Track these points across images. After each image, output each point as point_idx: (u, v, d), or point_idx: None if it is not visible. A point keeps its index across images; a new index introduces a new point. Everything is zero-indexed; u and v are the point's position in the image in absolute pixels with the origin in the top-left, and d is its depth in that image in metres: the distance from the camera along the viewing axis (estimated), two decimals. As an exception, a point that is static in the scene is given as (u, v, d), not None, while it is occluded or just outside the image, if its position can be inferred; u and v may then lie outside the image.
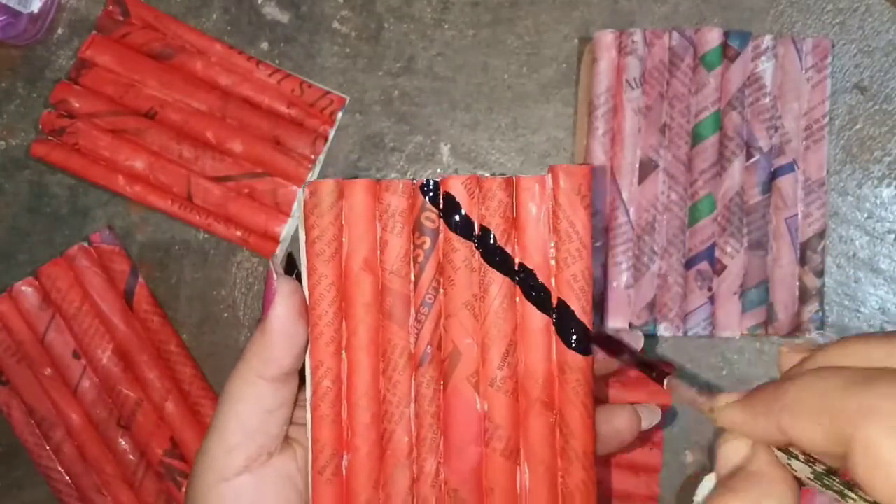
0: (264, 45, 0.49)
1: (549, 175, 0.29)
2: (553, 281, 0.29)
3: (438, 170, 0.49)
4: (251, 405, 0.29)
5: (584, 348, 0.29)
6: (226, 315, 0.49)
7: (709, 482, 0.47)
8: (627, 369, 0.47)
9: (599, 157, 0.46)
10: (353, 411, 0.29)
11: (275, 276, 0.29)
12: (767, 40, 0.46)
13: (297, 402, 0.31)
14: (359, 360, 0.29)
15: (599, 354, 0.30)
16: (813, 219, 0.46)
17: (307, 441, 0.30)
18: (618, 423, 0.31)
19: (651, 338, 0.48)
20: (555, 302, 0.29)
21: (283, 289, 0.29)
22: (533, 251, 0.29)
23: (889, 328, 0.48)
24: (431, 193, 0.29)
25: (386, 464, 0.29)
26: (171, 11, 0.49)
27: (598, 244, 0.46)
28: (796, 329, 0.46)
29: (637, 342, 0.33)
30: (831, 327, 0.48)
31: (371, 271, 0.29)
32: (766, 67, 0.46)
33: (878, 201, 0.48)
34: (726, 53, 0.46)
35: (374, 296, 0.29)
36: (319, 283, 0.29)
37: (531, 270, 0.29)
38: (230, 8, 0.49)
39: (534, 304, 0.29)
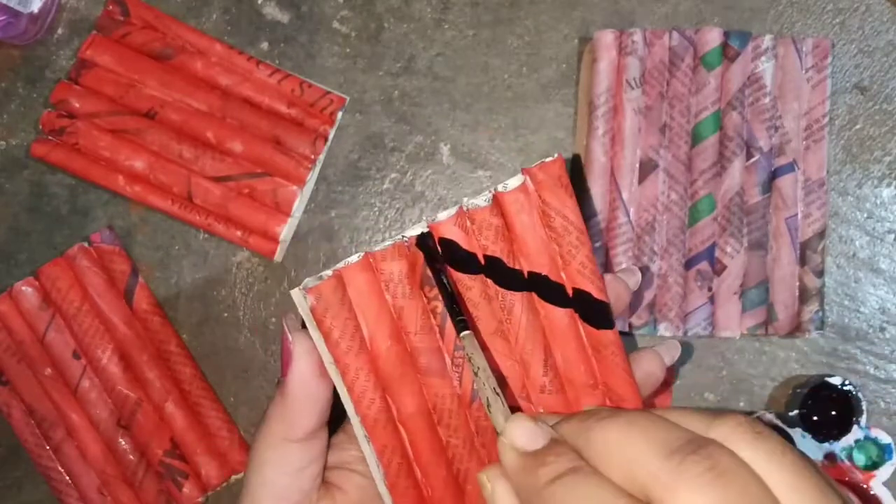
0: (264, 45, 0.49)
1: (527, 178, 0.30)
2: (563, 275, 0.30)
3: (434, 171, 0.49)
4: (279, 469, 0.29)
5: (608, 323, 0.30)
6: (226, 315, 0.49)
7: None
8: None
9: (599, 157, 0.46)
10: (426, 471, 0.30)
11: (289, 335, 0.29)
12: (767, 40, 0.46)
13: (329, 446, 0.31)
14: (415, 426, 0.30)
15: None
16: (813, 219, 0.46)
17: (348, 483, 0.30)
18: (647, 367, 0.32)
19: (651, 338, 0.48)
20: (571, 292, 0.30)
21: (299, 348, 0.29)
22: (538, 257, 0.30)
23: (889, 328, 0.48)
24: (427, 245, 0.29)
25: (471, 499, 0.30)
26: (171, 11, 0.49)
27: (597, 244, 0.46)
28: (796, 329, 0.46)
29: (635, 278, 0.34)
30: (831, 327, 0.48)
31: (398, 342, 0.29)
32: (766, 67, 0.46)
33: (878, 201, 0.48)
34: (726, 53, 0.46)
35: (408, 363, 0.30)
36: (358, 378, 0.29)
37: (543, 276, 0.30)
38: (230, 8, 0.49)
39: (553, 303, 0.30)
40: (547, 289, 0.30)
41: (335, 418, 0.31)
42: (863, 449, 0.45)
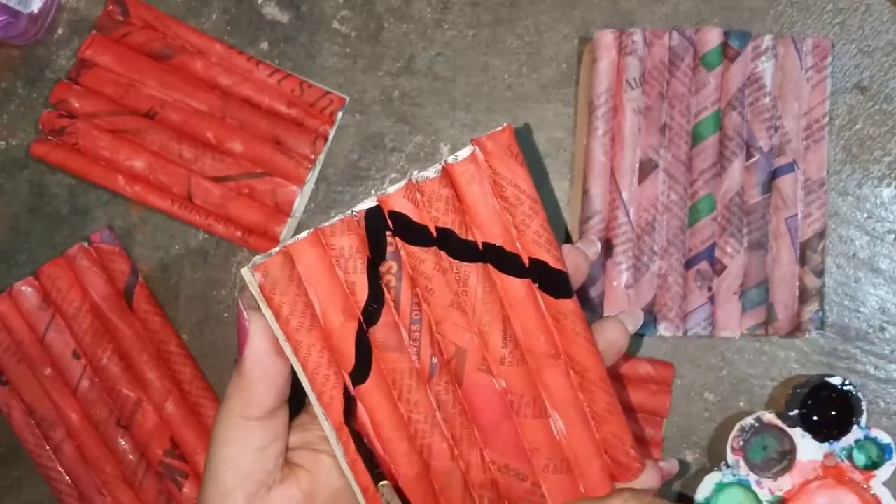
0: (264, 45, 0.49)
1: (477, 148, 0.29)
2: (518, 245, 0.30)
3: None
4: (240, 447, 0.29)
5: (567, 292, 0.30)
6: (226, 315, 0.49)
7: (710, 481, 0.47)
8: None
9: (599, 157, 0.46)
10: (387, 446, 0.30)
11: (245, 313, 0.29)
12: (767, 40, 0.46)
13: (290, 428, 0.31)
14: (373, 402, 0.29)
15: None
16: (813, 219, 0.46)
17: (350, 479, 0.30)
18: (609, 335, 0.32)
19: (651, 338, 0.48)
20: (527, 263, 0.30)
21: (254, 326, 0.29)
22: (490, 227, 0.29)
23: (889, 328, 0.48)
24: (378, 218, 0.29)
25: (436, 474, 0.30)
26: (171, 11, 0.49)
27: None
28: (796, 329, 0.46)
29: (594, 248, 0.34)
30: (831, 327, 0.48)
31: (352, 317, 0.29)
32: (766, 67, 0.46)
33: (878, 201, 0.48)
34: (726, 53, 0.46)
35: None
36: (311, 354, 0.29)
37: (498, 246, 0.29)
38: (230, 8, 0.49)
39: (509, 274, 0.30)
40: (502, 259, 0.29)
41: (299, 400, 0.31)
42: (863, 449, 0.45)
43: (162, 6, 0.49)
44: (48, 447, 0.47)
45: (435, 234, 0.29)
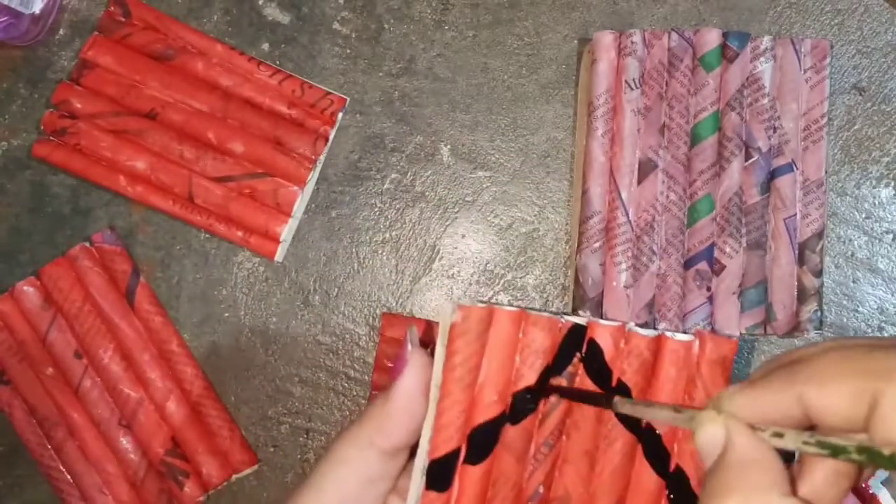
0: (265, 46, 0.49)
1: (697, 341, 0.29)
2: (675, 447, 0.29)
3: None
4: (355, 471, 0.29)
5: None
6: (227, 315, 0.49)
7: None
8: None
9: (599, 157, 0.46)
10: None
11: (409, 346, 0.29)
12: (766, 41, 0.46)
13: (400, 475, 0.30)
14: (470, 487, 0.29)
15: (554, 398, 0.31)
16: (811, 219, 0.47)
17: None
18: None
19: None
20: (672, 467, 0.29)
21: (414, 361, 0.29)
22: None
23: (887, 328, 0.48)
24: (578, 336, 0.29)
25: None
26: (172, 12, 0.49)
27: (597, 244, 0.46)
28: (795, 329, 0.46)
29: None
30: (829, 327, 0.48)
31: (502, 402, 0.29)
32: (764, 68, 0.46)
33: (877, 201, 0.48)
34: (725, 54, 0.46)
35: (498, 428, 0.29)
36: (452, 409, 0.28)
37: (658, 434, 0.29)
38: (231, 9, 0.49)
39: (652, 466, 0.29)
40: (655, 448, 0.29)
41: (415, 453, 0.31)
42: (861, 448, 0.45)
43: (163, 7, 0.49)
44: (50, 446, 0.48)
45: (615, 383, 0.29)
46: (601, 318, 0.46)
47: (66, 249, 0.48)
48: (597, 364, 0.29)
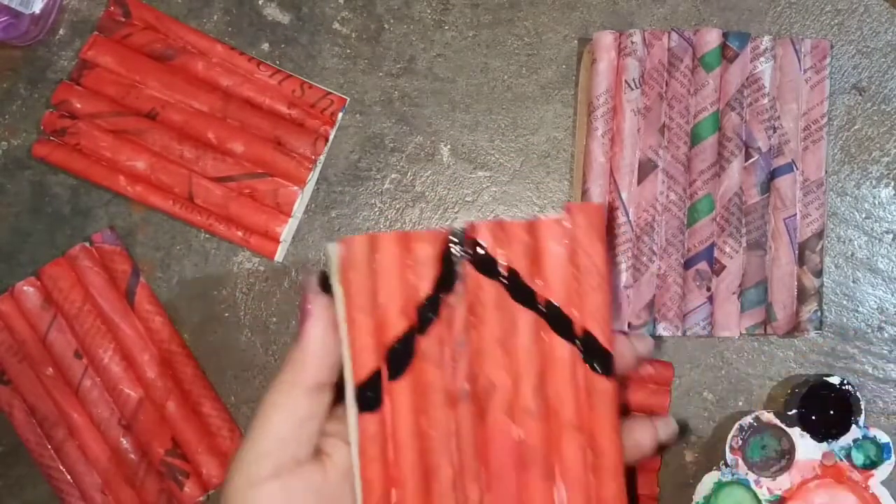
0: (265, 46, 0.49)
1: (567, 215, 0.31)
2: (576, 312, 0.31)
3: (433, 174, 0.49)
4: (285, 414, 0.30)
5: (608, 371, 0.31)
6: (227, 315, 0.49)
7: (709, 481, 0.47)
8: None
9: (599, 157, 0.46)
10: (398, 450, 0.31)
11: (310, 293, 0.31)
12: (766, 41, 0.46)
13: (330, 415, 0.32)
14: (401, 403, 0.31)
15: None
16: (811, 219, 0.47)
17: (354, 469, 0.31)
18: (637, 436, 0.33)
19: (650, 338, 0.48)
20: (579, 331, 0.31)
21: (317, 304, 0.31)
22: (556, 287, 0.31)
23: (887, 328, 0.48)
24: (459, 240, 0.31)
25: (433, 496, 0.31)
26: (172, 12, 0.49)
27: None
28: (795, 329, 0.46)
29: (646, 346, 0.34)
30: (829, 327, 0.48)
31: (407, 318, 0.30)
32: (764, 68, 0.46)
33: (877, 201, 0.48)
34: (725, 54, 0.46)
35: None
36: (360, 335, 0.30)
37: (556, 305, 0.31)
38: (231, 9, 0.49)
39: (560, 335, 0.31)
40: (558, 319, 0.31)
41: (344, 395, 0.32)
42: (861, 448, 0.45)
43: (163, 7, 0.49)
44: (50, 446, 0.48)
45: (503, 271, 0.31)
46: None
47: (66, 249, 0.48)
48: (483, 258, 0.31)
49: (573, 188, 0.48)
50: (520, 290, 0.31)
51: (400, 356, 0.30)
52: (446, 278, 0.31)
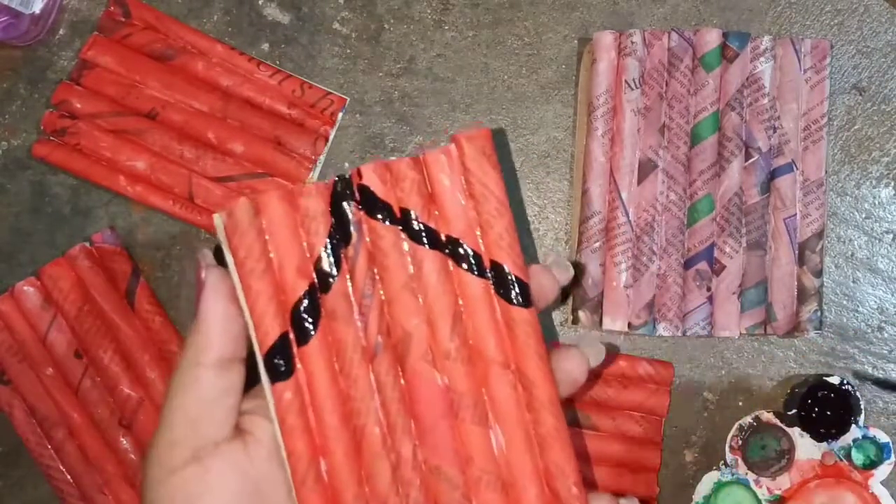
0: (265, 46, 0.49)
1: (453, 144, 0.30)
2: (481, 244, 0.30)
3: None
4: (191, 395, 0.29)
5: (525, 301, 0.30)
6: (227, 315, 0.49)
7: (709, 480, 0.47)
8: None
9: (599, 157, 0.46)
10: (320, 416, 0.29)
11: (203, 266, 0.30)
12: (766, 41, 0.46)
13: (246, 392, 0.31)
14: (314, 366, 0.29)
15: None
16: (811, 219, 0.47)
17: (278, 442, 0.29)
18: (567, 365, 0.31)
19: (650, 338, 0.48)
20: (487, 264, 0.30)
21: (211, 277, 0.29)
22: (455, 221, 0.30)
23: (887, 328, 0.48)
24: (346, 188, 0.29)
25: (364, 458, 0.29)
26: (172, 12, 0.49)
27: (597, 244, 0.46)
28: (795, 329, 0.46)
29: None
30: (829, 327, 0.48)
31: (305, 277, 0.29)
32: (764, 68, 0.46)
33: (877, 201, 0.48)
34: (725, 54, 0.46)
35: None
36: (258, 300, 0.29)
37: (457, 239, 0.29)
38: (231, 9, 0.49)
39: (468, 270, 0.29)
40: (462, 254, 0.29)
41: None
42: (861, 448, 0.45)
43: (163, 7, 0.49)
44: (50, 446, 0.48)
45: (398, 213, 0.29)
46: (601, 318, 0.46)
47: (66, 249, 0.48)
48: (373, 203, 0.29)
49: (573, 188, 0.48)
50: (417, 230, 0.29)
51: (305, 318, 0.29)
52: (340, 230, 0.29)
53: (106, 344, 0.47)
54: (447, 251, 0.30)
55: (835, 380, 0.45)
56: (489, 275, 0.30)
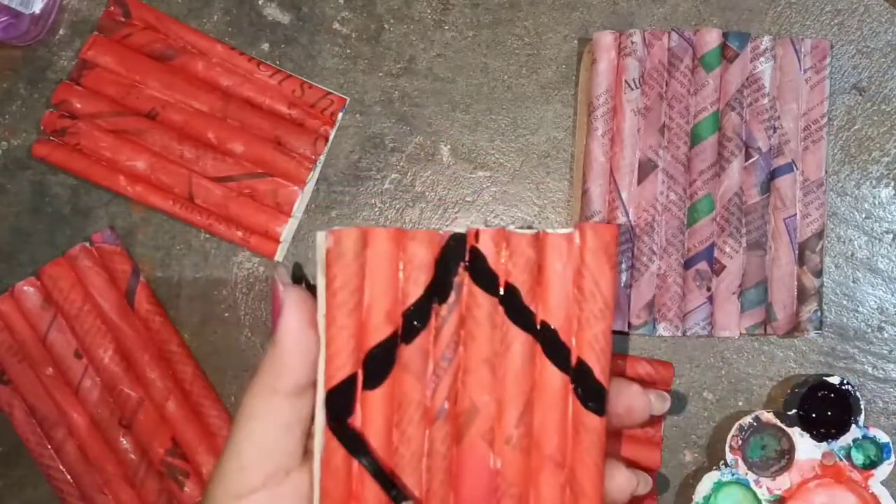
0: (265, 46, 0.49)
1: (577, 232, 0.29)
2: (574, 340, 0.29)
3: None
4: (266, 422, 0.28)
5: (600, 409, 0.29)
6: (227, 315, 0.49)
7: (709, 480, 0.47)
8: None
9: (599, 157, 0.46)
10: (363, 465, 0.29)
11: (281, 286, 0.29)
12: (766, 41, 0.46)
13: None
14: (373, 413, 0.28)
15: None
16: (811, 219, 0.47)
17: (315, 476, 0.29)
18: (618, 482, 0.31)
19: (650, 338, 0.48)
20: (574, 361, 0.29)
21: (290, 298, 0.28)
22: (556, 309, 0.29)
23: (887, 328, 0.48)
24: (459, 246, 0.29)
25: None
26: (172, 12, 0.49)
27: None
28: (795, 329, 0.46)
29: (662, 403, 0.32)
30: (829, 327, 0.48)
31: (392, 323, 0.28)
32: (764, 68, 0.46)
33: (877, 201, 0.48)
34: (725, 54, 0.46)
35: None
36: (339, 335, 0.28)
37: (554, 329, 0.29)
38: (231, 9, 0.49)
39: (554, 363, 0.29)
40: (553, 344, 0.29)
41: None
42: (861, 448, 0.45)
43: (163, 7, 0.49)
44: (50, 446, 0.48)
45: (502, 287, 0.29)
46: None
47: (66, 249, 0.48)
48: (482, 270, 0.28)
49: (573, 188, 0.48)
50: (517, 309, 0.28)
51: (379, 363, 0.28)
52: (440, 285, 0.28)
53: (106, 344, 0.47)
54: (539, 337, 0.29)
55: (835, 380, 0.45)
56: (572, 373, 0.29)
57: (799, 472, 0.45)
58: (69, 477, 0.48)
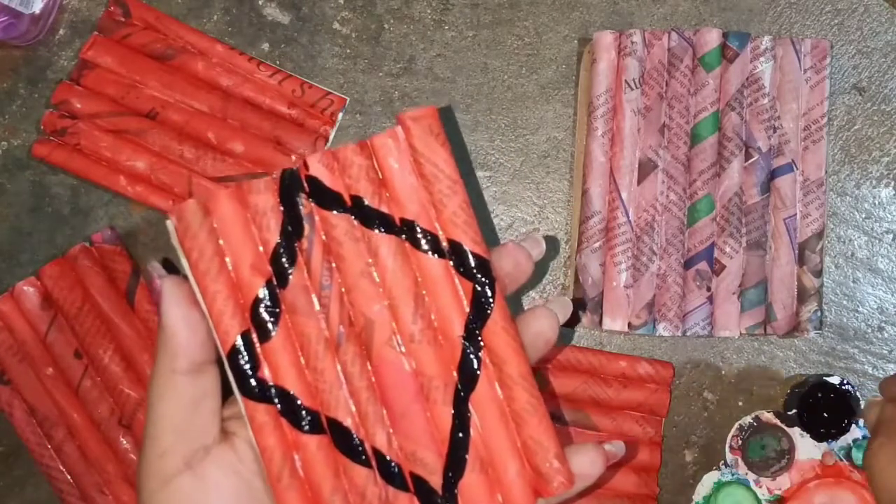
0: (265, 46, 0.49)
1: (399, 127, 0.30)
2: (437, 224, 0.29)
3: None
4: (172, 402, 0.29)
5: (487, 277, 0.29)
6: (227, 315, 0.49)
7: (709, 480, 0.47)
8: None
9: (599, 157, 0.46)
10: None
11: (157, 277, 0.30)
12: (766, 41, 0.46)
13: (230, 400, 0.31)
14: (279, 361, 0.29)
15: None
16: (811, 219, 0.47)
17: (251, 440, 0.29)
18: (537, 327, 0.31)
19: (650, 338, 0.48)
20: (445, 244, 0.29)
21: (166, 285, 0.29)
22: (408, 202, 0.29)
23: (887, 328, 0.48)
24: (294, 181, 0.29)
25: (337, 451, 0.29)
26: (172, 12, 0.49)
27: (597, 244, 0.46)
28: (795, 328, 0.46)
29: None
30: (829, 327, 0.48)
31: (262, 274, 0.29)
32: (764, 68, 0.46)
33: (877, 201, 0.48)
34: (725, 54, 0.46)
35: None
36: (216, 301, 0.29)
37: (412, 221, 0.29)
38: (231, 9, 0.49)
39: (426, 252, 0.29)
40: (418, 236, 0.29)
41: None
42: (861, 448, 0.45)
43: (163, 7, 0.49)
44: (50, 446, 0.48)
45: (349, 201, 0.29)
46: (601, 318, 0.46)
47: (66, 249, 0.48)
48: (323, 192, 0.29)
49: (573, 188, 0.48)
50: (370, 216, 0.29)
51: (265, 314, 0.29)
52: (292, 222, 0.29)
53: (106, 344, 0.47)
54: (403, 234, 0.29)
55: (835, 380, 0.45)
56: (448, 254, 0.29)
57: (799, 472, 0.45)
58: (69, 477, 0.48)
